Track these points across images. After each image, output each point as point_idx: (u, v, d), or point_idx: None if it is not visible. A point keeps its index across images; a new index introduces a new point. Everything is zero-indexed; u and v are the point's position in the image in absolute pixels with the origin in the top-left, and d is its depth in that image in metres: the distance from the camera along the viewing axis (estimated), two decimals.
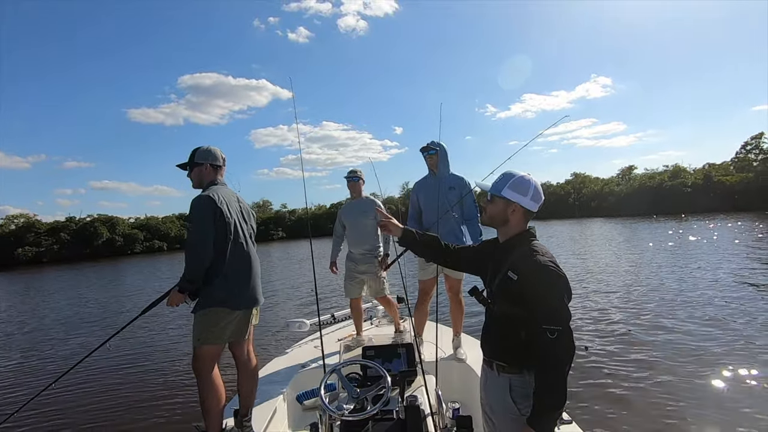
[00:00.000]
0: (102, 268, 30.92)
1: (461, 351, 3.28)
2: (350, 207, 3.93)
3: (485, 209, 1.69)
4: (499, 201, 1.59)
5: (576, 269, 11.41)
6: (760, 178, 45.65)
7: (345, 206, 4.01)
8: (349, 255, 3.91)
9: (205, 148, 2.52)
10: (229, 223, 2.34)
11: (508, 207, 1.57)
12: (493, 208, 1.62)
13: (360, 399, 1.89)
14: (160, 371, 5.66)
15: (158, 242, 58.15)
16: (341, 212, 3.98)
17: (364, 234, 3.81)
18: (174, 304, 2.29)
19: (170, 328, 8.16)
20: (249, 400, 2.53)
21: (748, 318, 5.94)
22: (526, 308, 1.42)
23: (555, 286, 1.41)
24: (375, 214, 3.74)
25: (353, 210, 3.87)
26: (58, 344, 7.79)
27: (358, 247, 3.82)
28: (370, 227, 3.81)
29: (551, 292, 1.40)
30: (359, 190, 3.88)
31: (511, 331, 1.49)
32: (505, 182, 1.57)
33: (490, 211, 1.64)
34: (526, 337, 1.45)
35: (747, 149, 52.99)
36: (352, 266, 3.84)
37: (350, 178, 3.86)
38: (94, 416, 4.35)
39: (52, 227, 53.66)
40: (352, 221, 3.85)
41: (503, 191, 1.57)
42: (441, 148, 3.40)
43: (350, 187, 3.88)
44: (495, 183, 1.62)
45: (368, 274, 3.81)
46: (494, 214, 1.62)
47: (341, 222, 3.95)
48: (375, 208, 3.71)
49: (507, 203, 1.57)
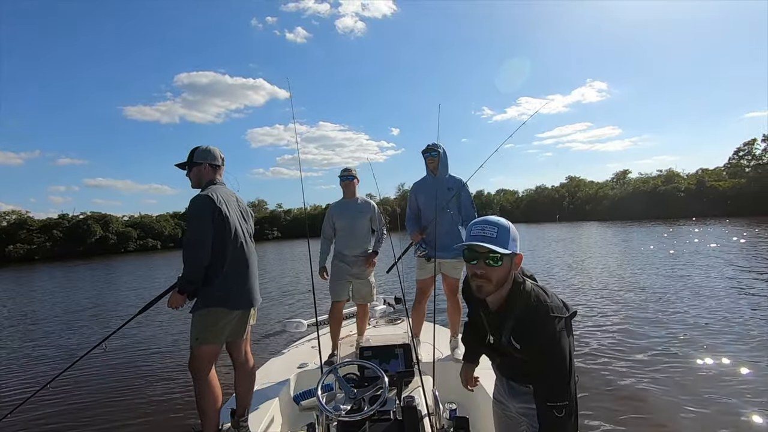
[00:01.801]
0: (95, 266, 30.65)
1: (459, 351, 3.28)
2: (344, 207, 3.70)
3: (488, 278, 1.33)
4: (506, 260, 1.32)
5: (573, 269, 11.49)
6: (752, 183, 46.17)
7: (337, 206, 3.74)
8: (339, 256, 3.68)
9: (204, 147, 2.50)
10: (228, 223, 2.33)
11: (513, 262, 1.35)
12: (501, 272, 1.33)
13: (357, 399, 1.88)
14: (156, 371, 5.62)
15: (152, 241, 57.78)
16: (332, 212, 3.72)
17: (359, 237, 3.65)
18: (175, 305, 2.28)
19: (167, 327, 8.09)
20: (246, 400, 2.52)
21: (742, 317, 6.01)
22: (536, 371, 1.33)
23: (563, 352, 1.28)
24: (371, 216, 3.71)
25: (348, 211, 3.67)
26: (52, 345, 7.70)
27: (352, 250, 3.64)
28: (366, 229, 3.69)
29: (561, 365, 1.28)
30: (353, 191, 3.72)
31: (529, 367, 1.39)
32: (507, 235, 1.31)
33: (498, 276, 1.33)
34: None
35: (740, 155, 53.63)
36: (343, 267, 3.63)
37: (344, 177, 3.68)
38: (90, 417, 4.30)
39: (44, 224, 53.13)
40: (346, 223, 3.64)
41: (510, 245, 1.31)
42: (442, 150, 3.43)
43: (344, 187, 3.72)
44: (498, 239, 1.30)
45: (360, 279, 3.65)
46: (501, 277, 1.34)
47: (332, 223, 3.71)
48: (372, 213, 3.68)
49: (511, 259, 1.34)
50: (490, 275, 1.32)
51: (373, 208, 3.75)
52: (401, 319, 4.62)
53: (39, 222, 53.76)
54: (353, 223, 3.65)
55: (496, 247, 1.28)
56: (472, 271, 1.36)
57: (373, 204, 3.78)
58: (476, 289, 1.36)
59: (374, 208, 3.76)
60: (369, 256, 3.68)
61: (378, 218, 3.77)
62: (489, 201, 77.36)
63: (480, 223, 1.34)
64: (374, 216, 3.75)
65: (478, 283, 1.34)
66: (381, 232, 3.77)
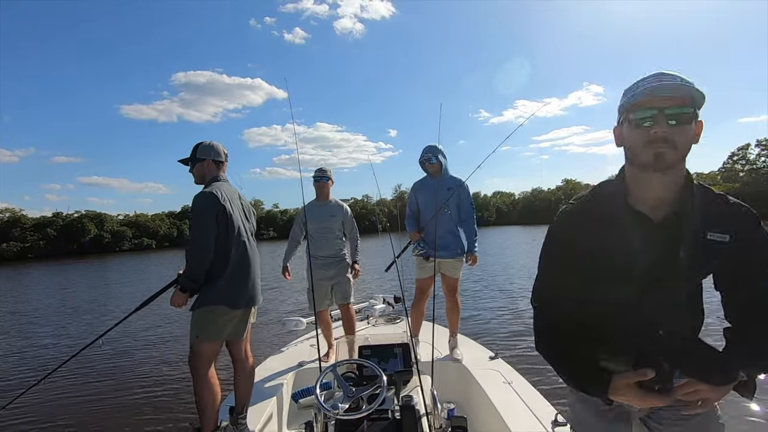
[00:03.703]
0: (90, 264, 30.43)
1: (457, 351, 3.29)
2: (316, 209, 3.60)
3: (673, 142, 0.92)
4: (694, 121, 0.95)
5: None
6: (747, 188, 46.65)
7: (309, 208, 3.59)
8: (313, 261, 3.45)
9: (207, 143, 2.49)
10: (231, 221, 2.31)
11: (695, 130, 0.97)
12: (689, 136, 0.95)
13: (355, 398, 1.88)
14: (155, 368, 5.59)
15: (147, 240, 57.50)
16: (303, 214, 3.55)
17: (332, 238, 3.58)
18: (177, 304, 2.27)
19: (166, 324, 8.06)
20: (245, 398, 2.52)
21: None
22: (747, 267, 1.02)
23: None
24: (342, 218, 3.63)
25: (320, 213, 3.58)
26: (47, 341, 7.64)
27: (324, 251, 3.55)
28: (338, 231, 3.62)
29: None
30: (327, 192, 3.63)
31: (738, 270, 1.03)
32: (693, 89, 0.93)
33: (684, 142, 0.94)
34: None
35: (734, 159, 54.19)
36: (320, 273, 3.50)
37: (318, 178, 3.57)
38: (87, 413, 4.27)
39: (38, 222, 52.80)
40: (319, 225, 3.55)
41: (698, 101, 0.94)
42: (441, 155, 3.39)
43: (317, 188, 3.60)
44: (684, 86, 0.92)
45: (337, 278, 3.57)
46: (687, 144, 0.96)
47: (302, 225, 3.59)
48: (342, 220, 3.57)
49: (697, 121, 0.96)
50: (674, 138, 0.92)
51: (346, 212, 3.66)
52: (400, 318, 4.62)
53: (33, 220, 53.44)
54: (324, 225, 3.57)
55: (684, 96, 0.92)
56: (647, 136, 0.94)
57: (347, 208, 3.68)
58: (655, 158, 0.93)
59: (347, 212, 3.67)
60: (353, 267, 3.63)
61: (350, 223, 3.67)
62: (485, 203, 77.51)
63: (653, 75, 0.96)
64: (346, 220, 3.65)
65: (659, 150, 0.92)
66: (356, 239, 3.70)
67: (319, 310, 3.50)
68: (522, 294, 8.86)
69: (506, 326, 6.51)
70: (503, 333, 6.15)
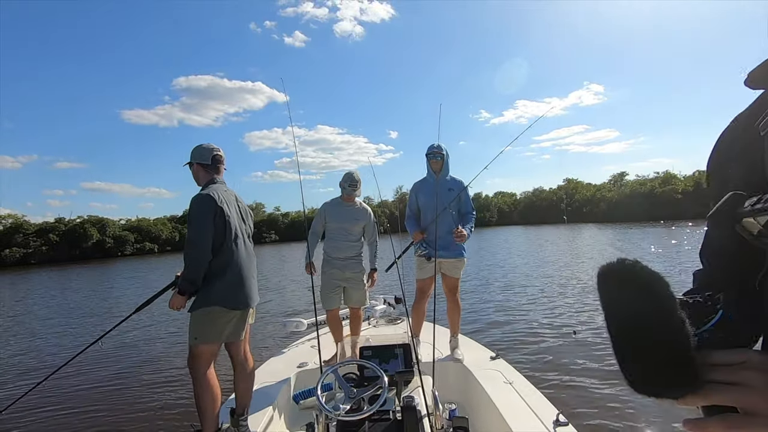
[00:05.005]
0: (92, 269, 30.50)
1: (458, 352, 3.28)
2: (340, 210, 3.56)
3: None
4: None
5: (570, 268, 11.51)
6: None
7: (333, 206, 3.57)
8: (329, 261, 3.53)
9: (197, 146, 2.53)
10: (228, 223, 2.33)
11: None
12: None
13: (357, 399, 1.87)
14: (154, 370, 5.59)
15: (149, 244, 57.57)
16: (327, 212, 3.56)
17: (351, 240, 3.56)
18: (176, 307, 2.27)
19: (165, 325, 8.06)
20: (245, 399, 2.51)
21: None
22: None
23: None
24: (365, 224, 3.61)
25: (345, 215, 3.54)
26: (47, 343, 7.65)
27: (342, 252, 3.53)
28: (359, 234, 3.61)
29: None
30: (353, 199, 3.63)
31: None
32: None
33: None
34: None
35: None
36: (335, 273, 3.52)
37: (349, 186, 3.53)
38: (87, 415, 4.27)
39: (40, 228, 52.87)
40: (340, 225, 3.52)
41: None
42: (445, 152, 3.45)
43: (347, 195, 3.56)
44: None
45: (352, 281, 3.54)
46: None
47: (323, 221, 3.57)
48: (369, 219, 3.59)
49: None
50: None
51: (370, 216, 3.62)
52: (401, 318, 4.61)
53: (35, 226, 53.50)
54: (349, 227, 3.54)
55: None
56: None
57: (371, 212, 3.65)
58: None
59: (370, 216, 3.63)
60: (370, 274, 3.61)
61: (372, 229, 3.63)
62: (487, 203, 77.40)
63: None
64: (369, 225, 3.61)
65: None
66: (375, 244, 3.69)
67: (330, 309, 3.54)
68: (522, 294, 8.83)
69: (507, 326, 6.48)
70: (504, 333, 6.13)
